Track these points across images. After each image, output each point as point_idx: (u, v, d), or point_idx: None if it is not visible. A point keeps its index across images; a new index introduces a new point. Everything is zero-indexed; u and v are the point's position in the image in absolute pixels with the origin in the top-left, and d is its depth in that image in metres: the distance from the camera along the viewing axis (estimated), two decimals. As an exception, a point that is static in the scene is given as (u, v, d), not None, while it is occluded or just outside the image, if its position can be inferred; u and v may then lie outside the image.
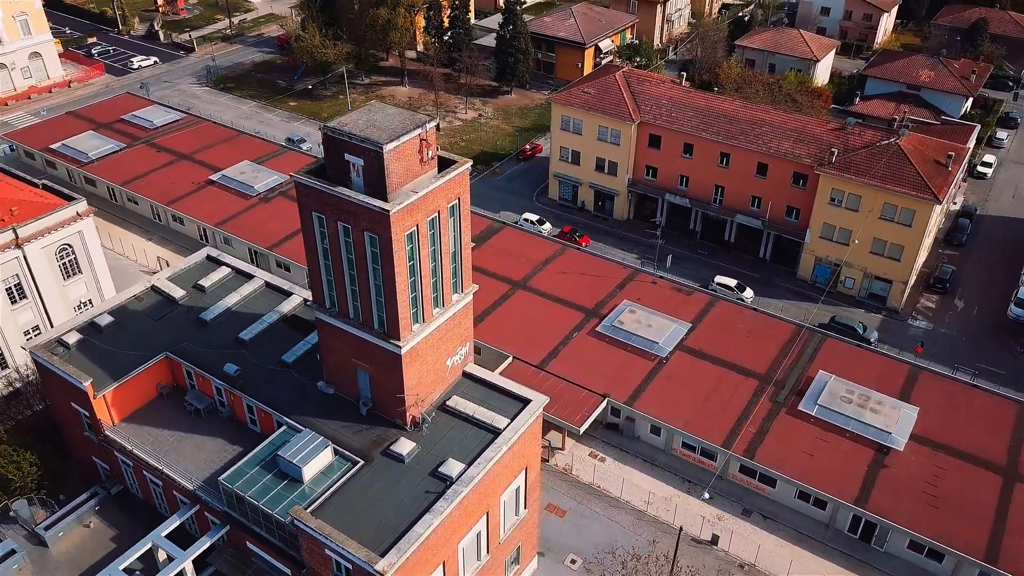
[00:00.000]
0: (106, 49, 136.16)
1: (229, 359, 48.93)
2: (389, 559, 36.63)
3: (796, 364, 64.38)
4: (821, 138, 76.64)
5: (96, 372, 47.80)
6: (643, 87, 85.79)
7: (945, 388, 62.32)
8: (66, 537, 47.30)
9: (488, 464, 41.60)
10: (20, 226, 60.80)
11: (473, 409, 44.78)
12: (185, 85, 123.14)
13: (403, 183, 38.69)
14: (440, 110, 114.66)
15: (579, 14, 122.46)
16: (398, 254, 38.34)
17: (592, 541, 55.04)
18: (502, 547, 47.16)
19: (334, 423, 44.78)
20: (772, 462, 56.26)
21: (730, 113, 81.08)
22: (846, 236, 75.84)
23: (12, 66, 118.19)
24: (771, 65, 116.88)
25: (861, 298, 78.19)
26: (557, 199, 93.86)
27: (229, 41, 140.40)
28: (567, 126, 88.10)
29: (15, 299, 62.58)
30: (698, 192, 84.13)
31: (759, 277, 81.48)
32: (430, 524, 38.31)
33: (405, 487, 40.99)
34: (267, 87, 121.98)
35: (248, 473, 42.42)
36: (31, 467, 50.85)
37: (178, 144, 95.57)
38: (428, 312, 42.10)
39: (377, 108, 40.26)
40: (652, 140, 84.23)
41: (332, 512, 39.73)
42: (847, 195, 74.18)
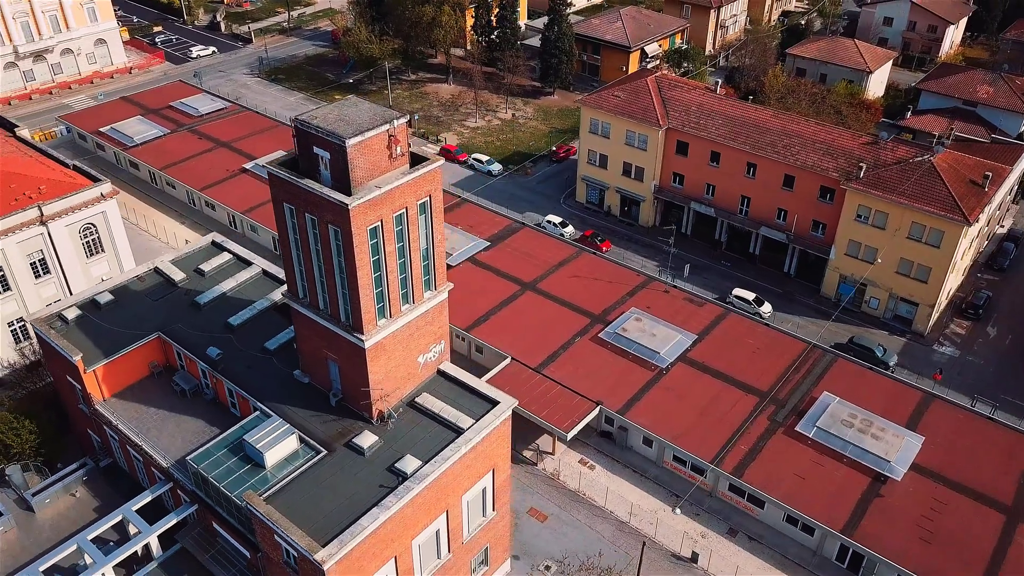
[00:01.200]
0: (169, 38, 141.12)
1: (216, 343, 50.13)
2: (329, 550, 36.96)
3: (801, 383, 62.40)
4: (851, 152, 74.05)
5: (89, 347, 49.58)
6: (674, 93, 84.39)
7: (958, 418, 59.48)
8: (52, 504, 49.21)
9: (445, 463, 41.57)
10: (45, 204, 63.53)
11: (440, 407, 44.82)
12: (238, 75, 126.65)
13: (369, 178, 38.96)
14: (480, 108, 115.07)
15: (627, 17, 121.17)
16: (359, 248, 38.64)
17: (569, 549, 54.44)
18: (466, 547, 47.07)
19: (305, 412, 45.42)
20: (760, 482, 54.65)
21: (760, 122, 79.05)
22: (872, 254, 73.13)
23: (78, 51, 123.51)
24: (822, 75, 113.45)
25: (886, 320, 75.24)
26: (584, 202, 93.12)
27: (286, 34, 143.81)
28: (596, 129, 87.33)
29: (39, 274, 65.43)
30: (724, 202, 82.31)
31: (781, 292, 79.24)
32: (376, 518, 38.49)
33: (361, 480, 41.28)
34: (316, 80, 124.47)
35: (215, 455, 43.38)
36: (30, 435, 53.11)
37: (219, 132, 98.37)
38: (396, 308, 42.31)
39: (352, 103, 40.63)
40: (680, 147, 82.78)
41: (287, 499, 40.29)
42: (874, 212, 71.50)
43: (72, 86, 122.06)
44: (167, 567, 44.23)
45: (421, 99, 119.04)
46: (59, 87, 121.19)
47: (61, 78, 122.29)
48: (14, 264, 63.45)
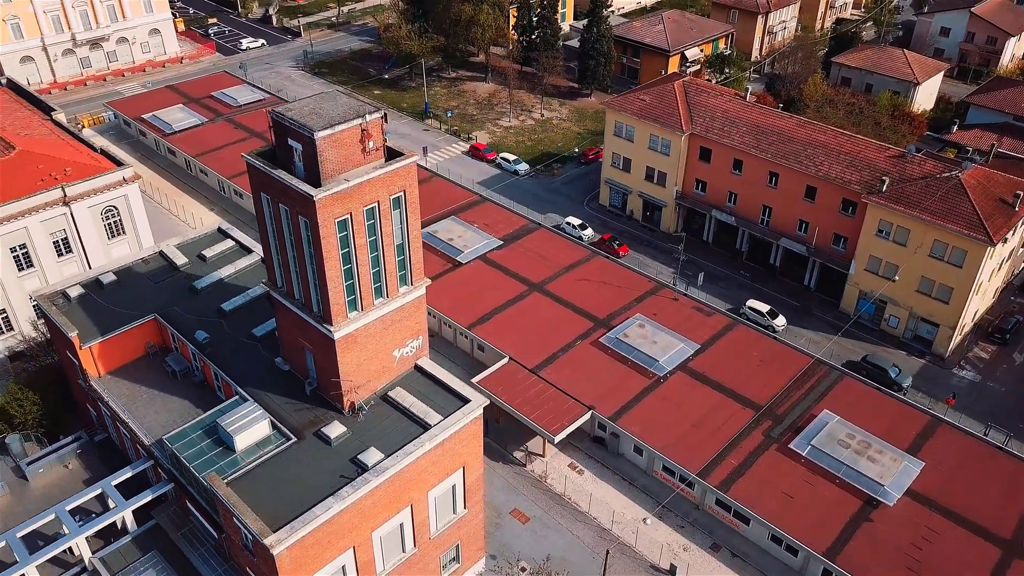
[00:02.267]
0: (222, 30, 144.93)
1: (206, 327, 51.37)
2: (279, 535, 37.51)
3: (803, 400, 60.78)
4: (876, 164, 71.75)
5: (88, 325, 51.34)
6: (701, 98, 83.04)
7: (964, 445, 57.15)
8: (45, 473, 51.08)
9: (407, 457, 41.78)
10: (69, 185, 65.97)
11: (411, 402, 45.05)
12: (283, 68, 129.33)
13: (340, 171, 39.38)
14: (515, 108, 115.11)
15: (669, 21, 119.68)
16: (327, 240, 39.10)
17: (547, 552, 54.10)
18: (434, 543, 47.21)
19: (281, 399, 46.18)
20: (746, 498, 53.42)
21: (785, 131, 77.21)
22: (893, 271, 70.72)
23: (133, 40, 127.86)
24: (868, 85, 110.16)
25: (906, 339, 72.68)
26: (608, 206, 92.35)
27: (334, 28, 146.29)
28: (620, 132, 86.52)
29: (61, 252, 67.94)
30: (745, 211, 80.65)
31: (799, 306, 77.24)
32: (329, 508, 38.90)
33: (325, 469, 41.75)
34: (358, 74, 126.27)
35: (190, 436, 44.44)
36: (33, 406, 55.29)
37: (255, 122, 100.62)
38: (367, 301, 42.69)
39: (330, 96, 41.13)
40: (703, 153, 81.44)
41: (251, 483, 41.01)
42: (895, 227, 69.14)
43: (125, 74, 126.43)
44: (140, 542, 45.48)
45: (458, 97, 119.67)
46: (113, 74, 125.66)
47: (116, 66, 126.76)
48: (37, 242, 66.01)
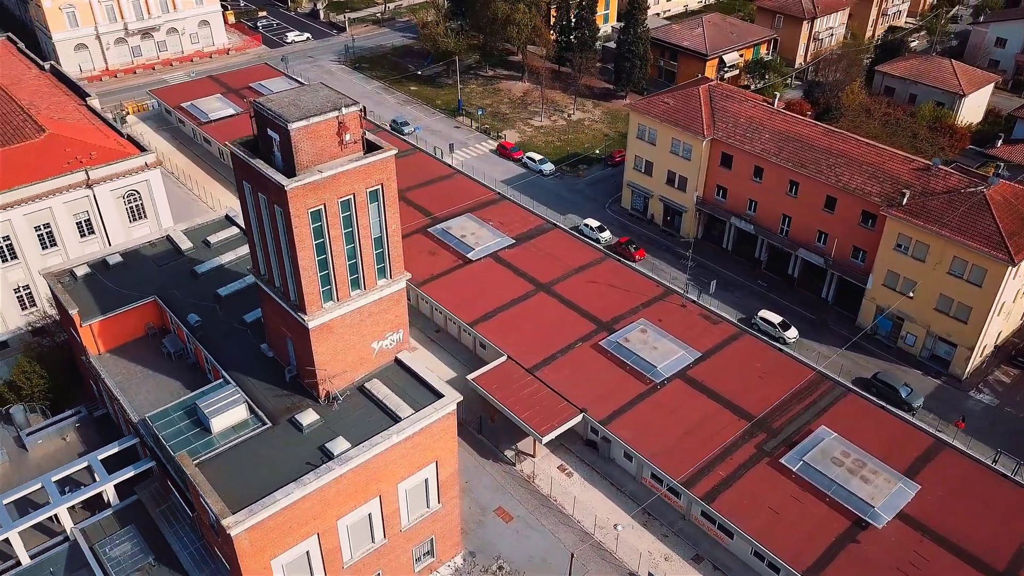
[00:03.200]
0: (270, 23, 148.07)
1: (202, 311, 52.65)
2: (238, 517, 38.26)
3: (801, 414, 59.37)
4: (899, 177, 69.58)
5: (90, 303, 53.10)
6: (726, 103, 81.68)
7: (966, 471, 55.09)
8: (43, 445, 53.02)
9: (374, 448, 42.17)
10: (92, 169, 68.26)
11: (385, 395, 45.46)
12: (324, 61, 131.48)
13: (316, 162, 39.96)
14: (548, 108, 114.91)
15: (709, 24, 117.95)
16: (299, 230, 39.71)
17: (527, 553, 54.00)
18: (406, 535, 47.54)
19: (262, 384, 47.12)
20: (730, 511, 52.43)
21: (808, 139, 75.42)
22: (910, 287, 68.51)
23: (182, 31, 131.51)
24: (911, 95, 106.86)
25: (923, 359, 70.33)
26: (629, 209, 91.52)
27: (379, 24, 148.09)
28: (643, 135, 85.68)
29: (84, 233, 70.33)
30: (765, 219, 79.06)
31: (815, 318, 75.38)
32: (290, 493, 39.51)
33: (294, 456, 42.38)
34: (396, 70, 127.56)
35: (171, 415, 45.65)
36: (40, 380, 57.44)
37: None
38: (343, 292, 43.22)
39: (312, 89, 41.76)
40: (724, 159, 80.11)
41: (221, 465, 41.90)
42: (914, 242, 66.97)
43: (173, 63, 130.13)
44: (121, 515, 46.84)
45: (493, 95, 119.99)
46: (162, 64, 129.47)
47: (165, 55, 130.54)
48: (61, 222, 68.43)
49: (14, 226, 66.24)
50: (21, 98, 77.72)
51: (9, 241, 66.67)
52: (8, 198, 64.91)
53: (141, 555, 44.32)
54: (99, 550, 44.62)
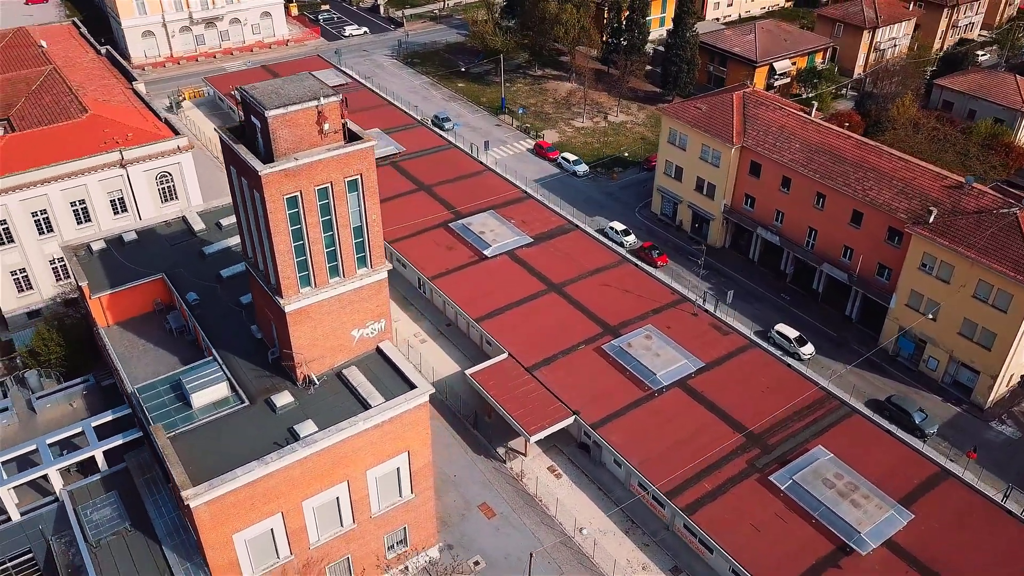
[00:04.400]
0: (331, 16, 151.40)
1: (203, 291, 54.40)
2: (197, 489, 39.48)
3: (800, 432, 57.74)
4: (928, 193, 66.87)
5: (101, 277, 55.47)
6: (759, 111, 79.86)
7: (967, 503, 52.68)
8: (51, 409, 55.39)
9: (340, 433, 42.87)
10: (127, 149, 71.22)
11: (360, 382, 46.16)
12: (378, 56, 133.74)
13: (294, 150, 40.87)
14: (591, 109, 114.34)
15: (762, 30, 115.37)
16: (274, 215, 40.69)
17: (505, 550, 54.05)
18: (376, 522, 48.15)
19: (247, 364, 48.39)
20: (710, 525, 51.38)
21: (838, 151, 73.13)
22: (934, 309, 65.78)
23: (245, 22, 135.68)
24: (971, 111, 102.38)
25: (945, 384, 67.43)
26: (659, 214, 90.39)
27: (436, 21, 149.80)
28: (674, 140, 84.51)
29: (117, 211, 73.38)
30: (791, 232, 77.02)
31: (835, 336, 73.04)
32: (251, 471, 40.54)
33: (264, 435, 43.47)
34: (446, 67, 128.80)
35: (158, 389, 47.32)
36: (57, 347, 60.26)
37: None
38: (321, 279, 44.06)
39: (299, 78, 42.69)
40: (753, 167, 78.37)
41: (194, 439, 43.30)
42: (939, 262, 64.28)
43: (234, 52, 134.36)
44: (107, 481, 48.70)
45: (539, 95, 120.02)
46: (223, 53, 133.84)
47: (227, 45, 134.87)
48: (95, 199, 71.59)
49: (51, 201, 69.61)
50: (72, 79, 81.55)
51: (46, 215, 70.09)
52: (45, 174, 68.27)
53: (119, 520, 46.05)
54: (81, 512, 46.58)
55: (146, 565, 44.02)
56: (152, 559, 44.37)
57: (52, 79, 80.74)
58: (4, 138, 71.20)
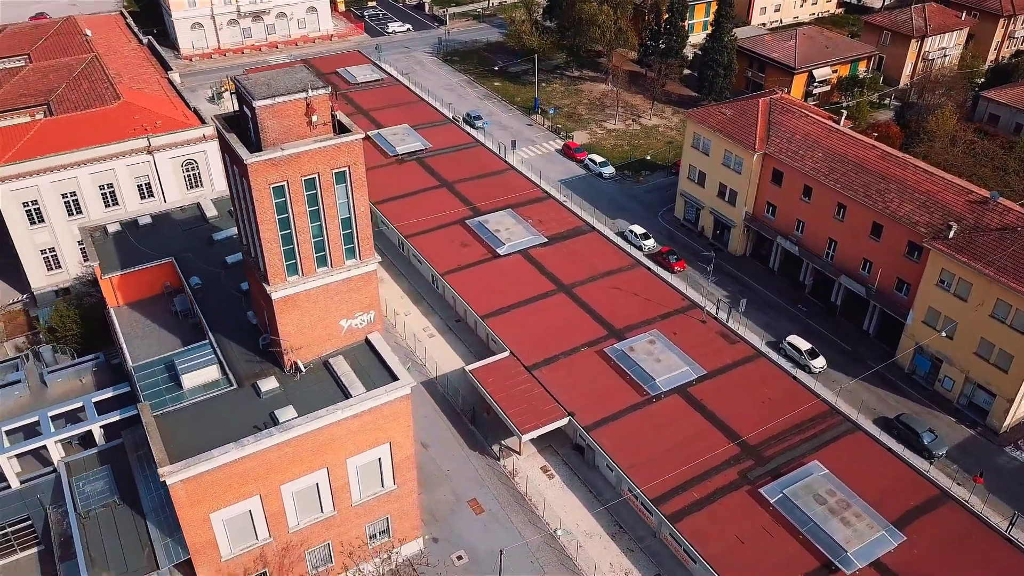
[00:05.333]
0: (376, 13, 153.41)
1: (207, 276, 55.79)
2: (173, 467, 40.57)
3: (798, 446, 56.60)
4: (951, 208, 64.84)
5: (113, 258, 57.30)
6: (784, 117, 78.40)
7: (964, 528, 50.98)
8: (61, 384, 57.34)
9: (318, 421, 43.57)
10: (154, 136, 73.43)
11: (344, 372, 46.83)
12: (418, 53, 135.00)
13: (282, 140, 41.68)
14: (625, 111, 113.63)
15: (803, 37, 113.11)
16: (260, 203, 41.57)
17: (490, 547, 54.17)
18: (357, 511, 48.74)
19: (240, 348, 49.49)
20: (694, 534, 50.74)
21: (862, 161, 71.38)
22: (952, 328, 63.76)
23: (291, 16, 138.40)
24: (1017, 125, 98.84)
25: (960, 405, 65.30)
26: (681, 219, 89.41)
27: (479, 19, 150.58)
28: (698, 144, 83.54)
29: (144, 196, 75.71)
30: (810, 242, 75.45)
31: (850, 350, 71.28)
32: (227, 452, 41.50)
33: (246, 418, 44.43)
34: (484, 65, 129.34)
35: (153, 368, 48.79)
36: (73, 324, 62.50)
37: (364, 100, 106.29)
38: (308, 268, 44.85)
39: (292, 71, 43.62)
40: (775, 175, 77.00)
41: (182, 418, 44.52)
42: (957, 279, 62.30)
43: (279, 46, 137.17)
44: (102, 455, 50.28)
45: (573, 95, 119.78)
46: (268, 46, 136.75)
47: (273, 38, 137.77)
48: (123, 183, 73.99)
49: (80, 184, 72.17)
50: (111, 67, 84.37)
51: (75, 197, 72.69)
52: (75, 157, 70.82)
53: (108, 493, 47.53)
54: (75, 484, 48.24)
55: (130, 538, 45.37)
56: (136, 533, 45.69)
57: (92, 66, 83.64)
58: (40, 122, 74.14)
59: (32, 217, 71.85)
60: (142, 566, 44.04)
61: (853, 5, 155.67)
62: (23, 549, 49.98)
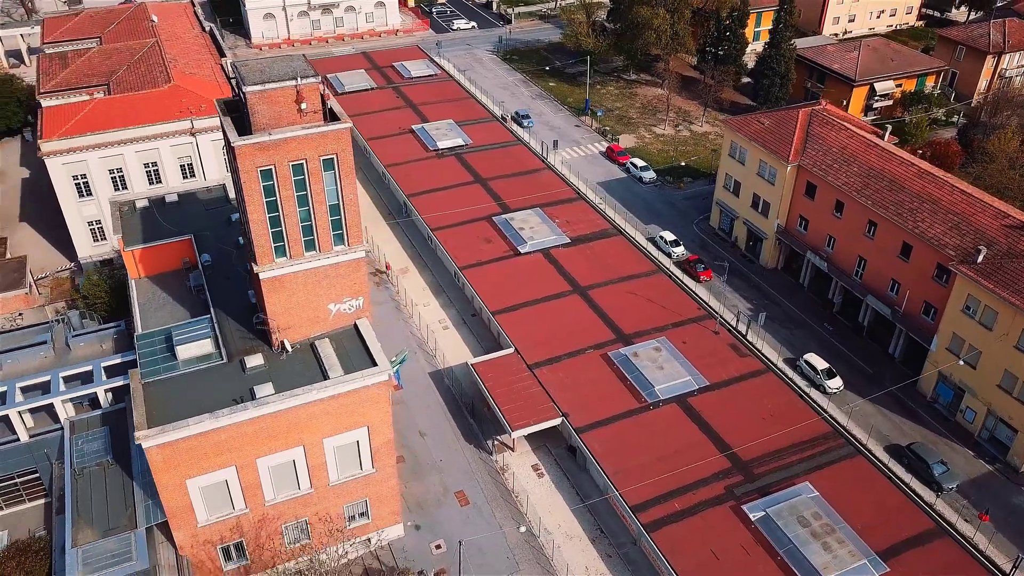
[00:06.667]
0: (444, 9, 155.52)
1: (219, 254, 58.04)
2: (149, 432, 42.47)
3: (792, 466, 55.08)
4: (984, 231, 61.78)
5: (137, 232, 60.20)
6: (823, 129, 76.09)
7: (956, 565, 48.65)
8: (84, 348, 60.67)
9: (293, 399, 44.87)
10: (197, 119, 76.67)
11: (327, 354, 48.07)
12: (479, 50, 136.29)
13: (272, 125, 43.12)
14: (677, 117, 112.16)
15: (867, 48, 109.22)
16: (247, 184, 43.14)
17: (469, 540, 54.56)
18: (335, 491, 49.88)
19: (236, 325, 51.39)
20: (668, 545, 50.01)
21: (898, 178, 68.67)
22: (976, 357, 60.85)
23: (359, 10, 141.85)
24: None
25: (981, 439, 62.18)
26: (716, 228, 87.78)
27: (544, 19, 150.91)
28: (734, 153, 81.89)
29: (186, 175, 79.16)
30: (840, 259, 73.04)
31: (872, 373, 68.74)
32: (201, 422, 43.16)
33: (228, 391, 46.14)
34: (542, 65, 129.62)
35: (154, 338, 51.10)
36: (103, 293, 65.92)
37: (415, 95, 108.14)
38: (296, 251, 46.25)
39: (288, 58, 44.96)
40: (808, 188, 74.86)
41: (167, 387, 46.52)
42: (983, 306, 59.39)
43: (345, 39, 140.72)
44: (104, 417, 53.06)
45: (626, 99, 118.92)
46: (335, 38, 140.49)
47: (340, 31, 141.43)
48: (166, 163, 77.59)
49: (126, 161, 76.01)
50: (170, 52, 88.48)
51: (122, 173, 76.59)
52: (123, 135, 74.61)
53: (103, 453, 50.13)
54: (75, 441, 51.04)
55: (115, 496, 47.75)
56: (122, 492, 48.06)
57: (152, 51, 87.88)
58: (94, 101, 78.39)
59: (81, 190, 76.05)
60: (122, 524, 46.29)
61: (936, 18, 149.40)
62: (31, 499, 53.28)
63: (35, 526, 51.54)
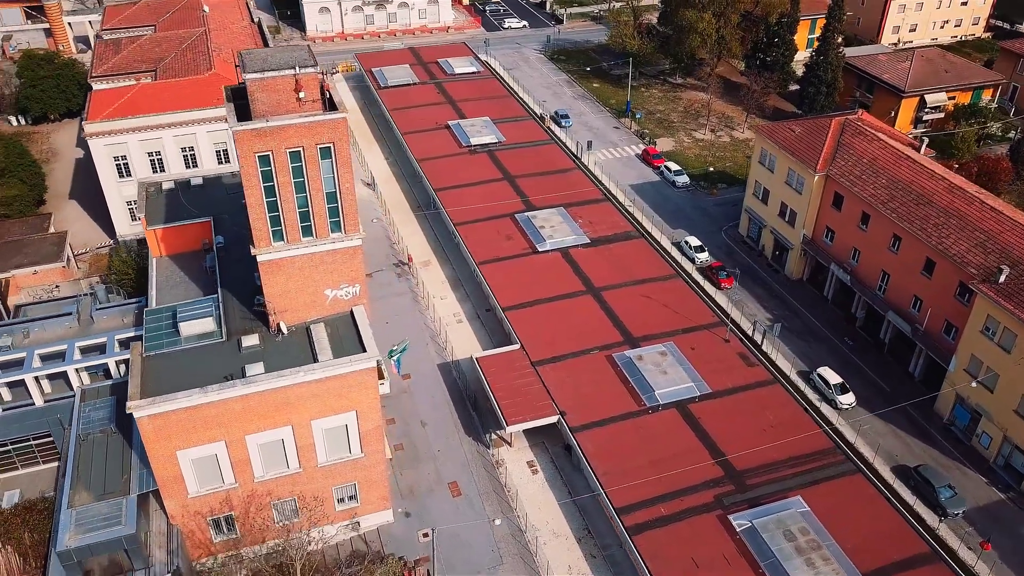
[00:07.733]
0: (497, 8, 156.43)
1: (234, 237, 59.89)
2: (140, 403, 44.25)
3: (786, 480, 54.04)
4: (1010, 250, 59.47)
5: (160, 212, 62.59)
6: (855, 139, 74.21)
7: (946, 593, 47.14)
8: (106, 320, 63.21)
9: (281, 380, 46.11)
10: (233, 107, 79.04)
11: (320, 339, 49.22)
12: (527, 49, 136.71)
13: (271, 113, 44.46)
14: (720, 123, 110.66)
15: (921, 59, 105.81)
16: (245, 169, 44.55)
17: (455, 530, 55.14)
18: (324, 472, 50.99)
19: (239, 305, 53.01)
20: (648, 550, 49.68)
21: (926, 192, 66.57)
22: (993, 380, 58.67)
23: (412, 6, 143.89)
24: None
25: (996, 466, 59.92)
26: (744, 235, 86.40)
27: (596, 20, 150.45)
28: (764, 160, 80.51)
29: (221, 161, 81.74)
30: (864, 273, 71.17)
31: (888, 391, 66.83)
32: (191, 396, 44.75)
33: (221, 368, 47.70)
34: (588, 65, 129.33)
35: (161, 315, 53.09)
36: (130, 269, 68.69)
37: (456, 91, 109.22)
38: (293, 236, 47.54)
39: (291, 48, 46.23)
40: (836, 199, 73.14)
41: (165, 362, 48.27)
42: (1002, 328, 57.20)
43: (397, 34, 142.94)
44: (114, 387, 55.26)
45: (670, 103, 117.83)
46: (388, 33, 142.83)
47: (393, 26, 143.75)
48: (203, 147, 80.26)
49: (164, 144, 78.92)
50: (215, 41, 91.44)
51: (160, 157, 79.55)
52: (161, 120, 77.50)
53: (107, 421, 52.32)
54: (83, 408, 53.40)
55: (113, 463, 49.75)
56: (120, 459, 50.04)
57: (199, 39, 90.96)
58: (138, 86, 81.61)
59: (121, 171, 79.26)
60: (116, 490, 48.26)
61: (1004, 30, 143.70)
62: (45, 462, 56.00)
63: (47, 487, 54.14)
